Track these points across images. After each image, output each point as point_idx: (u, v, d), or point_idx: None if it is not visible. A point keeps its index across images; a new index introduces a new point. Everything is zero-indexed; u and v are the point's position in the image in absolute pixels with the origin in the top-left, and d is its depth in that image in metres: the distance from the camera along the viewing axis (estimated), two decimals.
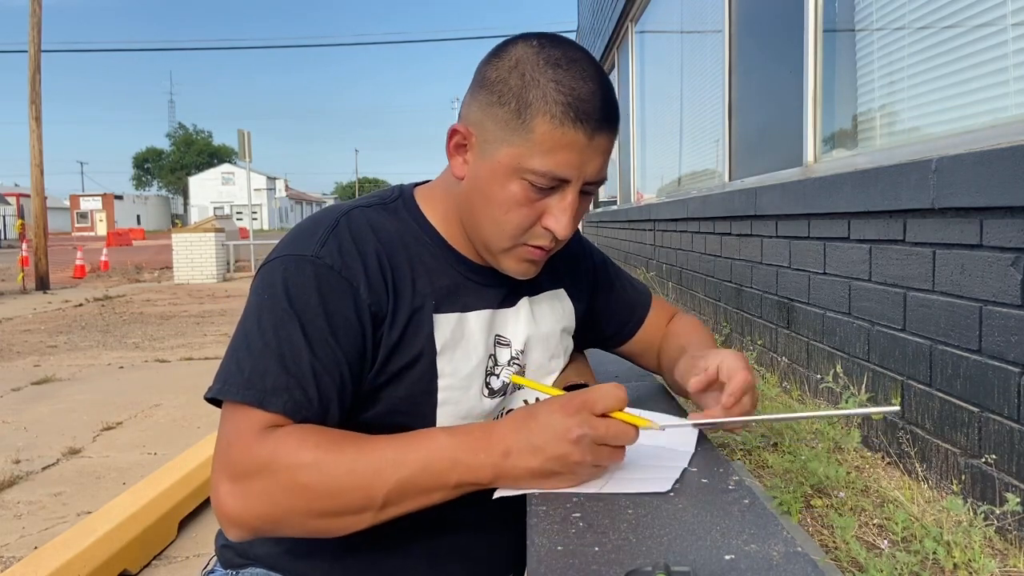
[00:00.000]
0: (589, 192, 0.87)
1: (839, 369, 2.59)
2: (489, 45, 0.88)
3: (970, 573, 1.54)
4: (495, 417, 0.96)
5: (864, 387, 2.41)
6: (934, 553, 1.59)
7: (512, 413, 0.81)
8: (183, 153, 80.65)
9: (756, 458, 2.32)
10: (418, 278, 0.90)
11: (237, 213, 55.02)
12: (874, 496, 1.98)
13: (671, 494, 0.76)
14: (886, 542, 1.71)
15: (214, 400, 0.81)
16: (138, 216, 70.44)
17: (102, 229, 60.76)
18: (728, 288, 4.02)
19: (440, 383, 0.89)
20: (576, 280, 1.10)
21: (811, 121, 3.13)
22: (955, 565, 1.56)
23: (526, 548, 0.67)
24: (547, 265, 0.96)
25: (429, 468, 0.75)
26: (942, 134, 2.24)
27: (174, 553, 2.44)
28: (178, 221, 67.17)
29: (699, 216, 4.59)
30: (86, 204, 67.55)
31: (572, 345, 1.09)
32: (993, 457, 1.74)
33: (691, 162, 5.84)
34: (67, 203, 68.66)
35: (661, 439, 0.87)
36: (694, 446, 0.88)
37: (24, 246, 12.85)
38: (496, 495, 0.77)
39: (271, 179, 77.61)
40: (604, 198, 11.14)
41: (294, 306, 0.82)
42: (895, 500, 1.90)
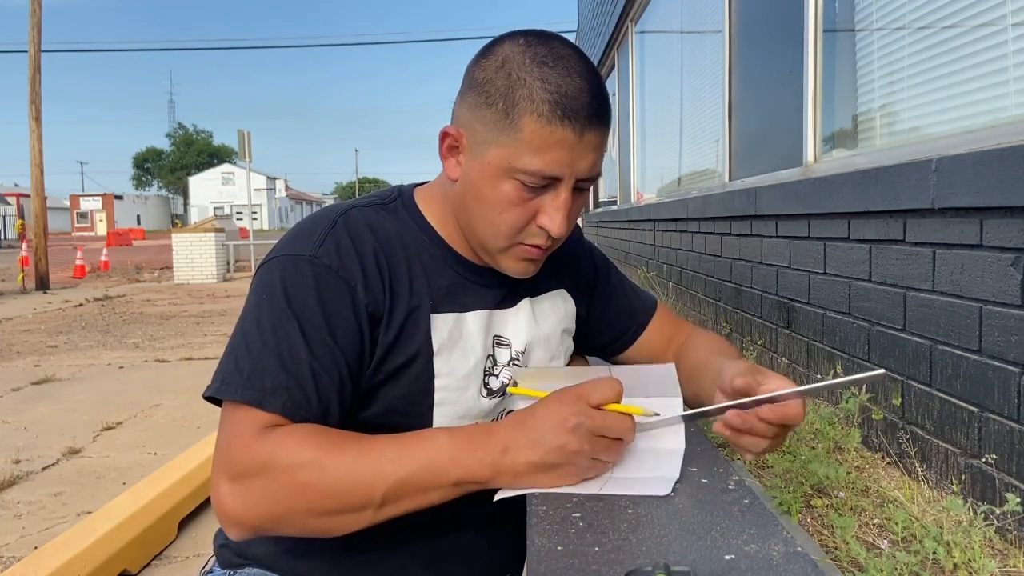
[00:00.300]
0: (583, 189, 0.86)
1: (839, 369, 2.59)
2: None
3: (970, 573, 1.54)
4: (495, 418, 0.96)
5: (864, 386, 2.41)
6: (934, 553, 1.58)
7: (512, 414, 0.81)
8: (183, 153, 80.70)
9: (756, 458, 2.32)
10: (416, 278, 0.90)
11: (237, 213, 55.05)
12: (874, 496, 1.98)
13: (671, 494, 0.75)
14: (886, 542, 1.71)
15: (213, 399, 0.81)
16: (138, 216, 70.46)
17: (102, 229, 60.80)
18: (728, 288, 4.02)
19: (437, 383, 0.89)
20: (577, 279, 1.09)
21: (811, 121, 3.13)
22: (955, 565, 1.56)
23: (526, 548, 0.67)
24: (548, 265, 0.96)
25: (429, 467, 0.75)
26: (942, 134, 2.23)
27: (174, 553, 2.44)
28: (178, 221, 67.20)
29: (699, 216, 4.59)
30: (86, 204, 67.59)
31: (572, 347, 1.09)
32: (993, 457, 1.74)
33: (691, 162, 5.84)
34: (67, 203, 68.71)
35: (650, 441, 0.86)
36: (683, 442, 0.87)
37: (24, 246, 12.86)
38: (497, 496, 0.76)
39: (271, 179, 77.59)
40: (604, 198, 11.13)
41: (292, 306, 0.82)
42: (895, 500, 1.90)
